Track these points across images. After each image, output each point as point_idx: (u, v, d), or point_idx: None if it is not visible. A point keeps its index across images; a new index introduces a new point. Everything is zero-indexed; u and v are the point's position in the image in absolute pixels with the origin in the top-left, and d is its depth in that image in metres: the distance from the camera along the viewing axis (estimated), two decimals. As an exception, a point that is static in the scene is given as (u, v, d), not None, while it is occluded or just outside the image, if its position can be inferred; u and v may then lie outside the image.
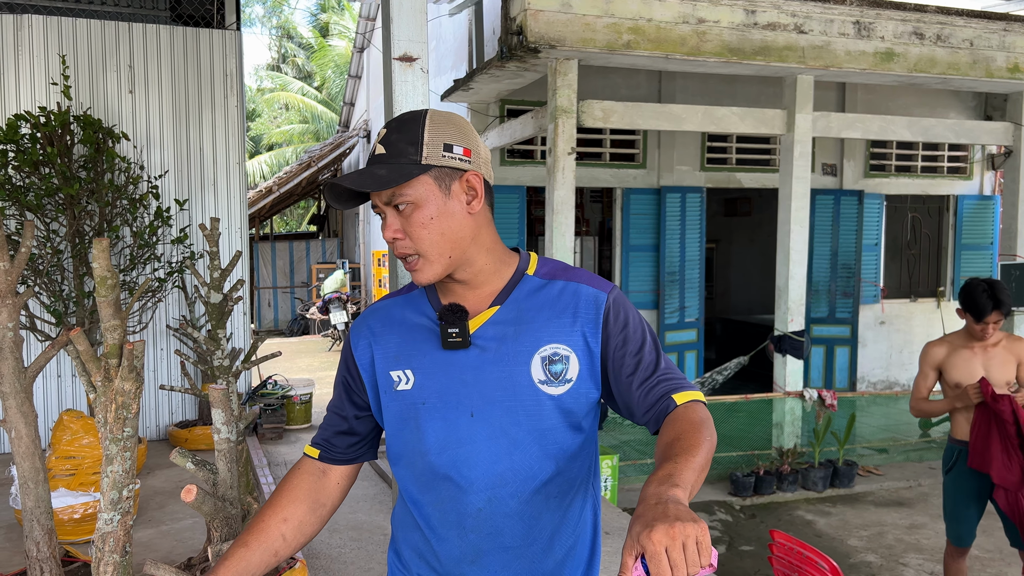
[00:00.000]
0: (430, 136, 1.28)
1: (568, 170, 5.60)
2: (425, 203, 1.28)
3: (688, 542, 0.92)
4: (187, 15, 6.80)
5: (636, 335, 1.33)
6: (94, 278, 2.01)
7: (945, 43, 6.35)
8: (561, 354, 1.32)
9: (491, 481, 1.32)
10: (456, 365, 1.33)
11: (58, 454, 4.33)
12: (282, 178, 14.80)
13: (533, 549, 1.35)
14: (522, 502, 1.33)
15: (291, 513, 1.39)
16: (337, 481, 1.47)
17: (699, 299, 8.11)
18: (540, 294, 1.36)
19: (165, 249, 6.44)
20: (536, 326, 1.33)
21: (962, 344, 3.45)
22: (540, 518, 1.34)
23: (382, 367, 1.39)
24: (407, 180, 1.26)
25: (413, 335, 1.38)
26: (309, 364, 11.46)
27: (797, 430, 6.40)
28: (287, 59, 26.52)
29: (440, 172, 1.29)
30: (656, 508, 0.97)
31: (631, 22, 5.55)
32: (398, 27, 2.14)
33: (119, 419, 2.04)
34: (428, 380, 1.34)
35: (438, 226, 1.29)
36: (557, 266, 1.41)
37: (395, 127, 1.32)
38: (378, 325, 1.43)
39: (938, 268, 9.29)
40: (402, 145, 1.28)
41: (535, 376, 1.31)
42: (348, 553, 4.21)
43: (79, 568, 3.10)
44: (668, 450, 1.14)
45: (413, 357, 1.36)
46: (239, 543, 1.35)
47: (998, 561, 4.60)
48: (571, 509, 1.38)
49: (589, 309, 1.33)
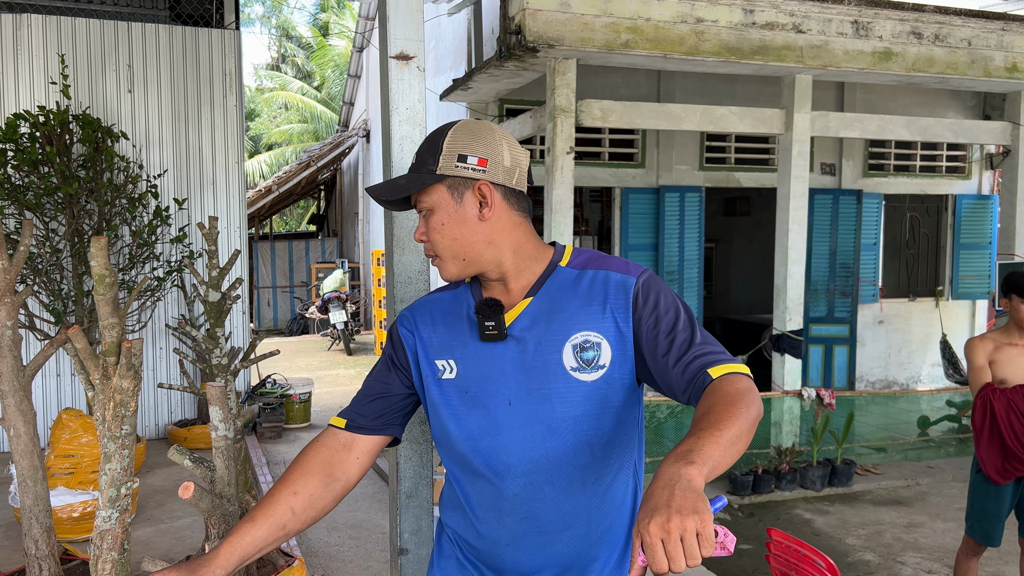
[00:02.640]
0: (448, 147, 1.38)
1: (567, 169, 5.60)
2: (439, 209, 1.38)
3: (686, 535, 0.91)
4: (186, 14, 6.80)
5: (668, 315, 1.36)
6: (93, 277, 2.01)
7: (943, 43, 6.36)
8: (592, 341, 1.36)
9: (527, 467, 1.37)
10: (494, 356, 1.39)
11: (57, 452, 4.33)
12: (281, 178, 14.81)
13: (568, 533, 1.39)
14: (557, 489, 1.37)
15: (302, 486, 1.40)
16: (357, 456, 1.47)
17: (698, 298, 8.12)
18: (572, 284, 1.41)
19: (164, 248, 6.44)
20: (567, 315, 1.38)
21: (1007, 341, 3.42)
22: (576, 503, 1.38)
23: (428, 355, 1.46)
24: (420, 188, 1.38)
25: (458, 327, 1.45)
26: (308, 363, 11.46)
27: (795, 429, 6.41)
28: (287, 59, 26.51)
29: (454, 181, 1.38)
30: (662, 493, 0.96)
31: (629, 21, 5.56)
32: (394, 25, 2.14)
33: (117, 417, 2.05)
34: (469, 370, 1.41)
35: (450, 231, 1.38)
36: (591, 256, 1.46)
37: (428, 139, 1.44)
38: (426, 316, 1.50)
39: (936, 267, 9.29)
40: (426, 156, 1.39)
41: (567, 364, 1.35)
42: (347, 551, 4.21)
43: (78, 566, 3.11)
44: (695, 425, 1.14)
45: (456, 348, 1.43)
46: (246, 518, 1.35)
47: (995, 560, 4.60)
48: (609, 493, 1.41)
49: (619, 295, 1.37)
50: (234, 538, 1.31)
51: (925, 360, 9.09)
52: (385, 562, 4.07)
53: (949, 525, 5.24)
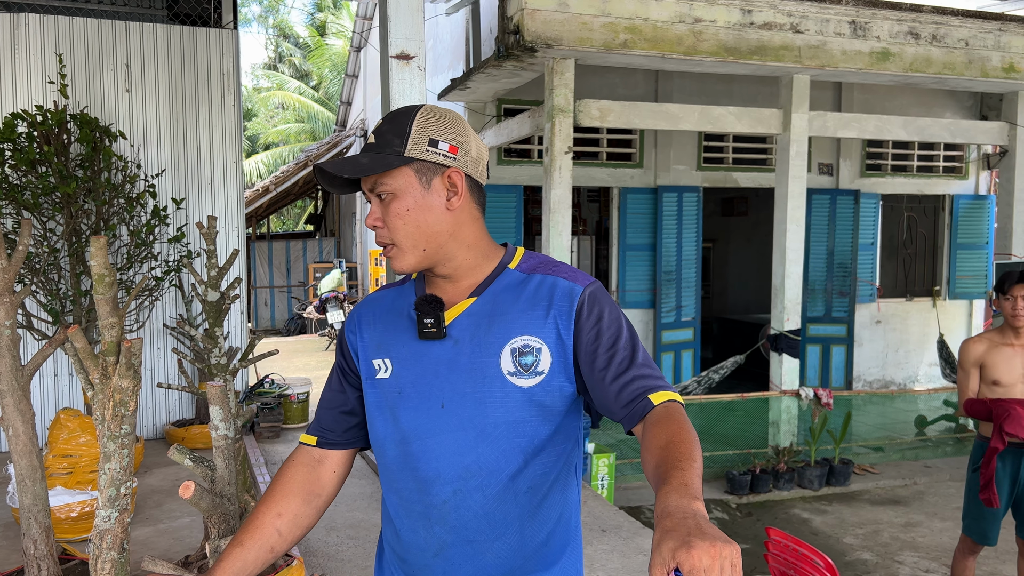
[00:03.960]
0: (417, 130, 1.30)
1: (565, 169, 5.61)
2: (403, 194, 1.30)
3: (726, 564, 0.89)
4: (183, 14, 6.79)
5: (611, 330, 1.31)
6: (91, 276, 2.01)
7: (941, 43, 6.37)
8: (532, 346, 1.31)
9: (456, 473, 1.31)
10: (431, 356, 1.34)
11: (55, 452, 4.33)
12: (279, 177, 14.79)
13: (499, 544, 1.33)
14: (488, 496, 1.32)
15: (285, 508, 1.40)
16: (333, 469, 1.46)
17: (695, 298, 8.13)
18: (518, 288, 1.36)
19: (162, 248, 6.43)
20: (509, 318, 1.33)
21: (1001, 341, 3.43)
22: (507, 513, 1.33)
23: (366, 355, 1.41)
24: (386, 169, 1.29)
25: (396, 325, 1.39)
26: (306, 363, 11.45)
27: (793, 429, 6.42)
28: (284, 58, 26.49)
29: (422, 166, 1.30)
30: (688, 523, 0.93)
31: (628, 21, 5.56)
32: (395, 25, 2.14)
33: (117, 416, 2.05)
34: (404, 369, 1.35)
35: (414, 218, 1.31)
36: (541, 261, 1.41)
37: (389, 119, 1.36)
38: (369, 314, 1.45)
39: (934, 267, 9.31)
40: (390, 136, 1.31)
41: (504, 368, 1.31)
42: (345, 551, 4.22)
43: (76, 566, 3.10)
44: (668, 456, 1.11)
45: (392, 347, 1.38)
46: (235, 543, 1.35)
47: (993, 559, 4.62)
48: (545, 503, 1.36)
49: (563, 302, 1.32)
50: (226, 563, 1.32)
51: (922, 360, 9.11)
52: (384, 562, 4.06)
53: (946, 524, 5.26)
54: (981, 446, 3.51)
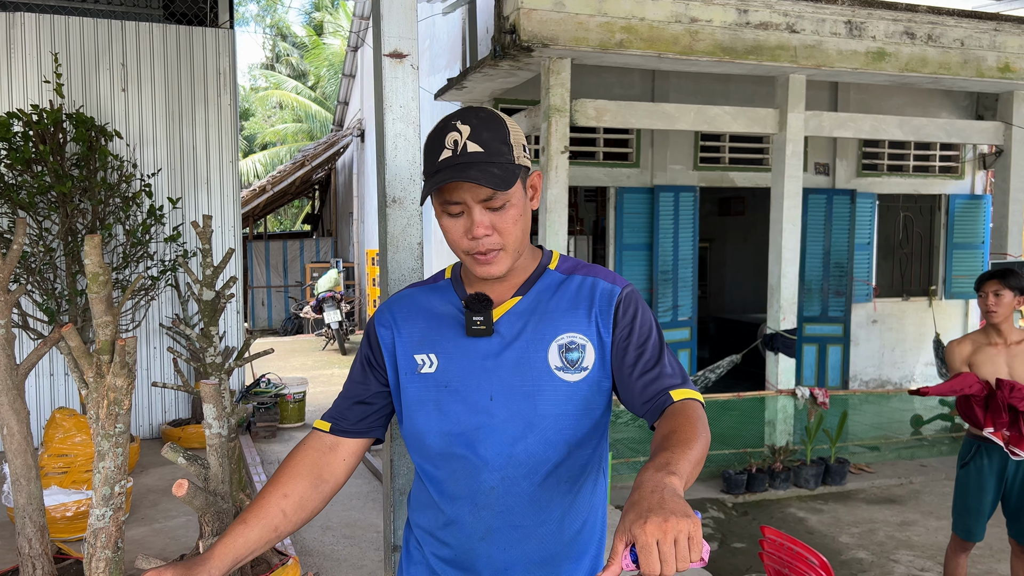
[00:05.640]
0: (514, 137, 1.35)
1: (561, 169, 5.61)
2: (517, 201, 1.35)
3: (680, 537, 0.93)
4: (180, 13, 6.79)
5: (643, 329, 1.39)
6: (86, 275, 2.01)
7: (936, 43, 6.38)
8: (578, 343, 1.38)
9: (505, 461, 1.37)
10: (478, 351, 1.39)
11: (50, 452, 4.32)
12: (276, 177, 14.78)
13: (543, 530, 1.40)
14: (534, 484, 1.38)
15: (292, 489, 1.41)
16: (344, 458, 1.48)
17: (692, 298, 8.13)
18: (559, 288, 1.43)
19: (158, 247, 6.43)
20: (554, 316, 1.40)
21: (986, 342, 3.47)
22: (551, 500, 1.39)
23: (405, 350, 1.44)
24: (517, 182, 1.32)
25: (439, 322, 1.44)
26: (303, 363, 11.45)
27: (789, 428, 6.43)
28: (281, 58, 26.47)
29: (524, 172, 1.37)
30: (652, 497, 0.98)
31: (624, 21, 5.56)
32: (388, 23, 2.14)
33: (111, 415, 2.04)
34: (452, 364, 1.40)
35: (522, 223, 1.37)
36: (577, 263, 1.48)
37: (481, 124, 1.33)
38: (404, 311, 1.48)
39: (930, 267, 9.33)
40: (496, 144, 1.31)
41: (552, 363, 1.37)
42: (341, 551, 4.21)
43: (71, 565, 3.10)
44: (665, 441, 1.18)
45: (437, 342, 1.42)
46: (238, 520, 1.37)
47: (988, 558, 4.63)
48: (581, 493, 1.43)
49: (604, 302, 1.40)
50: (228, 539, 1.33)
51: (918, 359, 9.13)
52: (379, 561, 4.07)
53: (942, 523, 5.27)
54: (971, 443, 3.55)
